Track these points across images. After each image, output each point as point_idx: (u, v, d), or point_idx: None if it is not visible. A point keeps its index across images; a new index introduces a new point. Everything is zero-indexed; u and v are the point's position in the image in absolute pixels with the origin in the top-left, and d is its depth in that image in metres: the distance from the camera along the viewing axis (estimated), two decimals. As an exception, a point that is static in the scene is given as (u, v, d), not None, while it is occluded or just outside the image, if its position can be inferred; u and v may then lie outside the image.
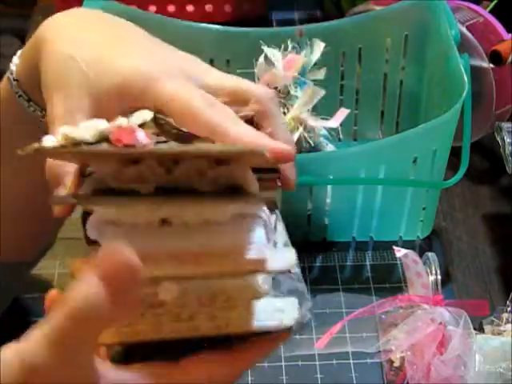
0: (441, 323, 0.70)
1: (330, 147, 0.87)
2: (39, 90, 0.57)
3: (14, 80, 0.59)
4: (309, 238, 0.86)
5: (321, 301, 0.80)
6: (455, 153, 0.83)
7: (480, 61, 0.92)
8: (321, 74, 0.87)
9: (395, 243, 0.83)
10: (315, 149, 0.84)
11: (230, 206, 0.43)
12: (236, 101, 0.55)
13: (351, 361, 0.76)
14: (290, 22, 1.14)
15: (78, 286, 0.38)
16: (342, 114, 0.87)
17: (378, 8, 0.96)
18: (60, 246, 0.76)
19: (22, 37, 1.18)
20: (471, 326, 0.69)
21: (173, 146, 0.44)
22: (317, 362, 0.76)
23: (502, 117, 0.94)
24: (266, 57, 0.85)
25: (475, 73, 0.87)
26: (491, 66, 0.91)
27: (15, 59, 0.60)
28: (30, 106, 0.59)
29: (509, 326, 0.73)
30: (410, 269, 0.72)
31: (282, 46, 0.86)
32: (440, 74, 0.88)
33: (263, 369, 0.75)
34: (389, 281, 0.84)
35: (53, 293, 0.45)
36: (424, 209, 0.87)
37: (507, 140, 0.86)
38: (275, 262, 0.44)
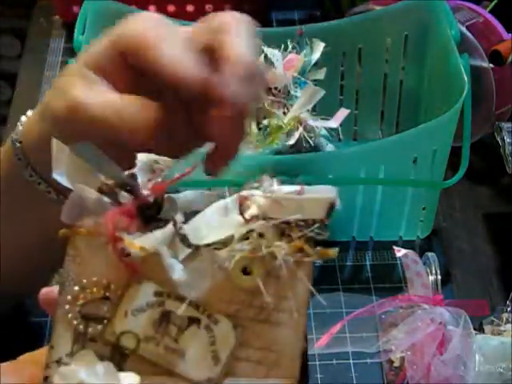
0: (441, 323, 0.70)
1: (329, 147, 0.87)
2: (40, 154, 0.57)
3: (17, 142, 0.59)
4: (309, 238, 0.86)
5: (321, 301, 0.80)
6: (455, 153, 0.83)
7: (480, 61, 0.91)
8: (321, 74, 0.87)
9: (395, 243, 0.83)
10: (315, 149, 0.84)
11: None
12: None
13: (351, 361, 0.76)
14: (290, 22, 1.14)
15: None
16: (342, 114, 0.87)
17: (377, 8, 0.96)
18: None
19: (22, 37, 1.18)
20: (471, 326, 0.69)
21: None
22: (317, 362, 0.76)
23: (502, 117, 0.94)
24: (265, 57, 0.85)
25: (475, 73, 0.87)
26: (491, 65, 0.91)
27: (23, 118, 0.60)
28: (26, 170, 0.58)
29: (509, 325, 0.73)
30: (410, 269, 0.72)
31: (282, 46, 0.86)
32: (440, 74, 0.88)
33: (263, 369, 0.75)
34: (389, 281, 0.84)
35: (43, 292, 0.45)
36: (424, 209, 0.87)
37: (507, 140, 0.86)
38: None
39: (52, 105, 0.52)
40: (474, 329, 0.70)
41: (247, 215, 0.41)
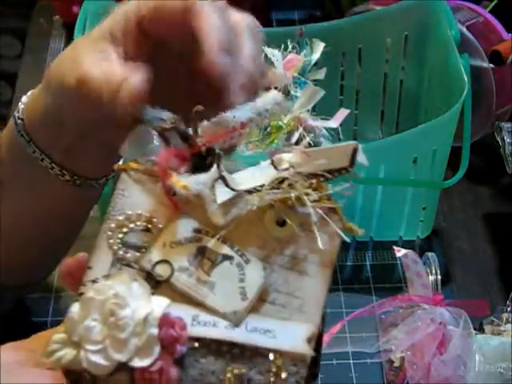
0: (441, 323, 0.70)
1: (329, 147, 0.86)
2: (43, 129, 0.57)
3: (19, 119, 0.59)
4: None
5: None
6: (455, 153, 0.83)
7: (480, 61, 0.92)
8: (321, 74, 0.87)
9: (395, 243, 0.83)
10: (315, 149, 0.84)
11: None
12: None
13: (351, 361, 0.76)
14: (290, 22, 1.14)
15: None
16: (342, 114, 0.87)
17: (378, 8, 0.96)
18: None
19: (22, 37, 1.18)
20: (471, 326, 0.69)
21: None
22: (317, 362, 0.76)
23: (502, 117, 0.94)
24: (266, 57, 0.85)
25: (475, 73, 0.87)
26: (491, 66, 0.91)
27: (24, 98, 0.60)
28: (29, 146, 0.59)
29: (509, 325, 0.73)
30: (410, 269, 0.72)
31: (282, 46, 0.86)
32: (440, 74, 0.88)
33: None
34: (389, 281, 0.84)
35: (67, 261, 0.45)
36: (424, 209, 0.87)
37: (507, 140, 0.86)
38: None
39: (64, 77, 0.52)
40: (474, 329, 0.70)
41: (279, 168, 0.44)
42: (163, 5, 0.50)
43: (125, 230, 0.43)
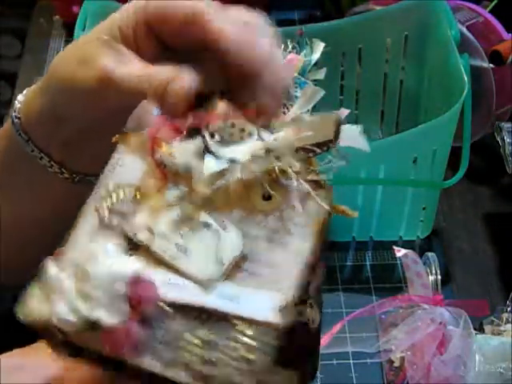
0: (441, 323, 0.70)
1: (329, 147, 0.86)
2: (40, 128, 0.57)
3: (16, 118, 0.59)
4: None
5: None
6: (455, 153, 0.83)
7: (480, 61, 0.92)
8: (321, 74, 0.87)
9: (395, 243, 0.83)
10: (315, 149, 0.84)
11: None
12: None
13: (351, 361, 0.76)
14: (290, 22, 1.14)
15: None
16: (342, 114, 0.87)
17: (378, 8, 0.96)
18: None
19: (22, 37, 1.18)
20: (471, 326, 0.69)
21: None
22: (317, 362, 0.76)
23: (502, 117, 0.94)
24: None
25: (475, 73, 0.87)
26: (491, 66, 0.91)
27: (20, 97, 0.60)
28: (28, 145, 0.59)
29: (509, 325, 0.73)
30: (410, 269, 0.72)
31: (282, 46, 0.86)
32: (440, 74, 0.88)
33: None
34: (389, 281, 0.84)
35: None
36: (424, 209, 0.87)
37: (507, 140, 0.86)
38: None
39: (78, 76, 0.51)
40: (474, 329, 0.70)
41: (266, 139, 0.44)
42: (172, 4, 0.48)
43: (114, 196, 0.44)
